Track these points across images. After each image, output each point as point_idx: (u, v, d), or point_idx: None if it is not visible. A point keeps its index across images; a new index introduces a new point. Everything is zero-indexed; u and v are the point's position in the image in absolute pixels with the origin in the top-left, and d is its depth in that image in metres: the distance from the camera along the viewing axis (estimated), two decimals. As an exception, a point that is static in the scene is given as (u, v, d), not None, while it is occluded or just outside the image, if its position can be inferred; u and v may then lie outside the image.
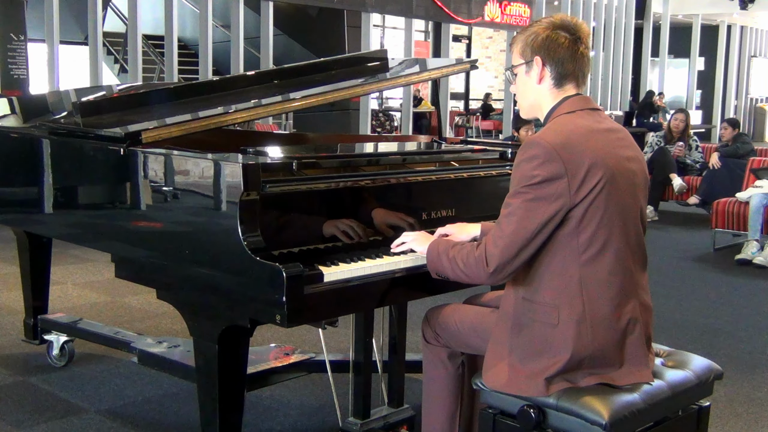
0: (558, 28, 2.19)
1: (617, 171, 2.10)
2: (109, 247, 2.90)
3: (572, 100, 2.20)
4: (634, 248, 2.16)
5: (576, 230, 2.07)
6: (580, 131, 2.11)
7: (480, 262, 2.10)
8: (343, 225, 2.45)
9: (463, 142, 3.63)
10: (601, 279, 2.09)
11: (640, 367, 2.17)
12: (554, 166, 2.03)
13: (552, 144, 2.05)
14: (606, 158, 2.08)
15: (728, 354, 4.27)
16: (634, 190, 2.16)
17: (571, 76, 2.20)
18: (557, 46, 2.18)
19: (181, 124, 2.67)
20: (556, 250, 2.09)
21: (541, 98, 2.24)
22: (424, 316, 2.54)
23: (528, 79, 2.24)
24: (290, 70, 3.47)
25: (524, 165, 2.07)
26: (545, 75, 2.20)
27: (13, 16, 9.59)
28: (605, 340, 2.11)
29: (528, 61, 2.22)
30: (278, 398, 3.50)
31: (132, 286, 4.82)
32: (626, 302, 2.13)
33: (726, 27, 20.85)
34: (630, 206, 2.14)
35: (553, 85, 2.21)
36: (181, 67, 11.75)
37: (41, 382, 3.65)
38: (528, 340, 2.15)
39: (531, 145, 2.08)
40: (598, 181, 2.05)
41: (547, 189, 2.04)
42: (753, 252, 6.58)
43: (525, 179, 2.06)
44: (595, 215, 2.06)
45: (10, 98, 4.24)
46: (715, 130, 17.93)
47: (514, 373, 2.15)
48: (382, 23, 17.11)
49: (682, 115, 9.06)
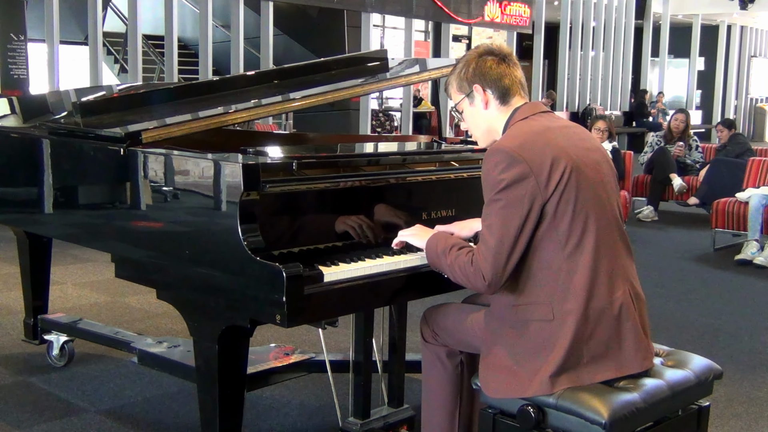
0: (483, 55, 2.29)
1: (581, 161, 2.15)
2: (109, 247, 2.90)
3: (522, 109, 2.27)
4: (614, 234, 2.20)
5: (553, 223, 2.11)
6: (536, 130, 2.18)
7: (477, 276, 2.13)
8: (347, 223, 2.45)
9: (463, 142, 3.63)
10: (586, 266, 2.12)
11: (640, 355, 2.19)
12: (518, 168, 2.08)
13: (511, 147, 2.11)
14: (567, 149, 2.14)
15: (728, 354, 4.27)
16: (602, 179, 2.21)
17: (513, 90, 2.28)
18: (488, 69, 2.27)
19: (181, 124, 2.67)
20: (540, 248, 2.13)
21: (492, 121, 2.31)
22: (423, 315, 2.55)
23: (474, 109, 2.32)
24: (290, 70, 3.47)
25: (490, 173, 2.13)
26: (489, 98, 2.28)
27: (13, 16, 9.58)
28: (601, 327, 2.14)
29: (468, 93, 2.30)
30: (278, 398, 3.50)
31: (132, 286, 4.82)
32: (616, 287, 2.17)
33: (726, 27, 20.85)
34: (601, 193, 2.18)
35: (500, 104, 2.29)
36: (181, 67, 11.75)
37: (41, 382, 3.65)
38: (524, 341, 2.16)
39: (492, 153, 2.14)
40: (563, 171, 2.10)
41: (517, 191, 2.08)
42: (753, 252, 6.58)
43: (494, 187, 2.11)
44: (568, 205, 2.11)
45: (10, 98, 4.24)
46: (714, 130, 17.91)
47: (513, 377, 2.16)
48: (382, 23, 17.09)
49: (682, 115, 9.06)
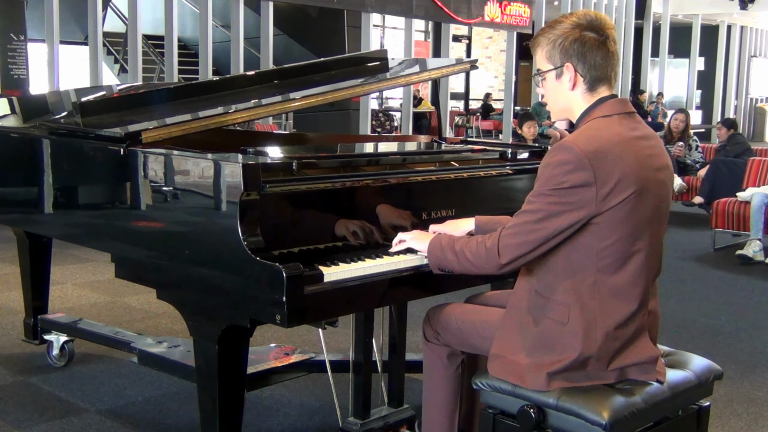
0: (585, 29, 2.12)
1: (648, 183, 2.07)
2: (109, 247, 2.90)
3: (608, 104, 2.15)
4: (652, 260, 2.15)
5: (597, 237, 2.05)
6: (614, 139, 2.06)
7: (492, 254, 2.10)
8: (347, 224, 2.45)
9: (463, 142, 3.63)
10: (616, 288, 2.08)
11: (641, 371, 2.17)
12: (584, 174, 1.99)
13: (584, 151, 2.00)
14: (638, 170, 2.04)
15: (728, 354, 4.27)
16: (660, 204, 2.13)
17: (604, 79, 2.15)
18: (587, 49, 2.11)
19: (181, 124, 2.67)
20: (575, 252, 2.08)
21: (573, 102, 2.19)
22: (425, 315, 2.54)
23: (559, 84, 2.18)
24: (290, 70, 3.47)
25: (554, 168, 2.03)
26: (578, 81, 2.15)
27: (13, 16, 9.58)
28: (611, 344, 2.10)
29: (558, 66, 2.16)
30: (278, 398, 3.50)
31: (132, 286, 4.82)
32: (638, 312, 2.13)
33: (726, 27, 20.86)
34: (655, 219, 2.12)
35: (587, 90, 2.16)
36: (181, 67, 11.75)
37: (41, 382, 3.65)
38: (538, 334, 2.14)
39: (563, 148, 2.04)
40: (627, 194, 2.02)
41: (574, 196, 2.01)
42: (755, 251, 6.58)
43: (552, 182, 2.03)
44: (619, 226, 2.04)
45: (10, 98, 4.24)
46: (715, 130, 17.91)
47: (517, 363, 2.15)
48: (382, 23, 17.11)
49: (682, 115, 9.06)
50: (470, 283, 2.62)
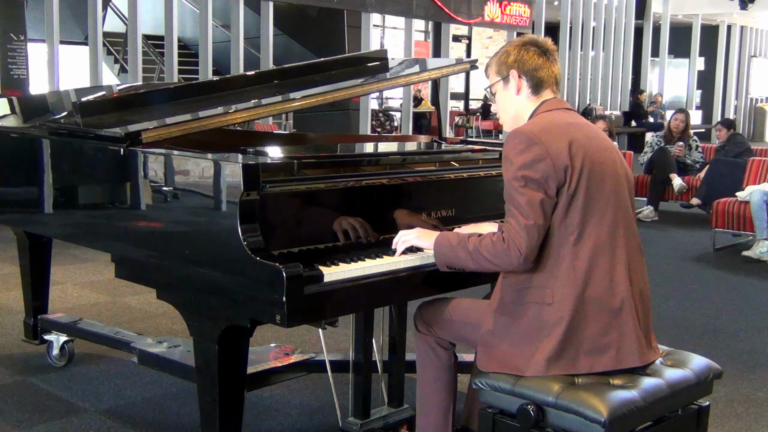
0: (527, 45, 2.36)
1: (597, 157, 2.21)
2: (109, 247, 2.90)
3: (549, 102, 2.35)
4: (624, 232, 2.24)
5: (565, 211, 2.16)
6: (557, 122, 2.26)
7: (511, 251, 2.15)
8: (347, 224, 2.46)
9: (463, 142, 3.63)
10: (591, 258, 2.17)
11: (641, 350, 2.21)
12: (536, 149, 2.15)
13: (530, 130, 2.20)
14: (584, 144, 2.20)
15: (728, 354, 4.27)
16: (618, 178, 2.25)
17: (546, 83, 2.35)
18: (529, 57, 2.34)
19: (181, 124, 2.67)
20: (551, 234, 2.18)
21: (521, 108, 2.38)
22: (417, 308, 2.56)
23: (506, 92, 2.39)
24: (290, 70, 3.48)
25: (509, 154, 2.19)
26: (522, 85, 2.36)
27: (13, 16, 9.58)
28: (598, 316, 2.17)
29: (504, 76, 2.37)
30: (278, 398, 3.50)
31: (132, 286, 4.82)
32: (618, 281, 2.19)
33: (726, 27, 20.85)
34: (616, 190, 2.24)
35: (531, 93, 2.36)
36: (181, 67, 11.75)
37: (41, 382, 3.65)
38: (524, 322, 2.20)
39: (512, 135, 2.22)
40: (580, 162, 2.16)
41: (534, 171, 2.14)
42: (762, 252, 6.53)
43: (513, 167, 2.17)
44: (581, 195, 2.16)
45: (10, 98, 4.24)
46: (714, 130, 17.92)
47: (510, 356, 2.20)
48: (382, 23, 17.10)
49: (682, 115, 9.05)
50: (471, 283, 2.62)
